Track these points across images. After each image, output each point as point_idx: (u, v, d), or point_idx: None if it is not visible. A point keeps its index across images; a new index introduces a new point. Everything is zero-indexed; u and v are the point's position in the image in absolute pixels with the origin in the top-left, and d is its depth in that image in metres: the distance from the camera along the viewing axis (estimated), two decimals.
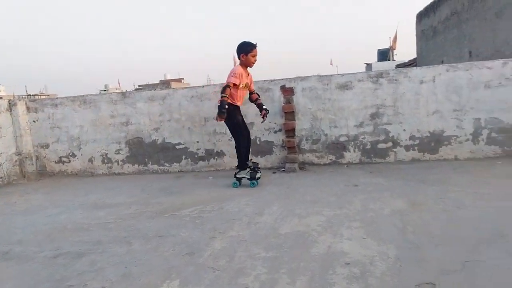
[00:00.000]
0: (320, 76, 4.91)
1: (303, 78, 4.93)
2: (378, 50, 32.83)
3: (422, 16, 12.84)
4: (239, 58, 4.09)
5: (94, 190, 4.68)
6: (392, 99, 4.70)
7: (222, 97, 3.88)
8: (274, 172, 4.77)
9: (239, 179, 4.17)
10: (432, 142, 4.68)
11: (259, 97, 4.39)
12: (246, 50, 4.03)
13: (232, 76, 3.95)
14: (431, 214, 2.88)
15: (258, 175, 4.13)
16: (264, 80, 4.99)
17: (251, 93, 4.33)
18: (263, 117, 4.27)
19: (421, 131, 4.70)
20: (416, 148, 4.73)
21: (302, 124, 4.90)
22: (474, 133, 4.58)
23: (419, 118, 4.67)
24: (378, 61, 30.24)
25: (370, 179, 4.08)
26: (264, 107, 4.28)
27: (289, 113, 4.81)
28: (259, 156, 5.07)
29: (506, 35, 7.04)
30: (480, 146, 4.58)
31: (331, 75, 4.92)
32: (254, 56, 4.05)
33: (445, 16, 10.39)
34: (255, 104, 4.36)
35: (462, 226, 2.59)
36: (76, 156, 5.67)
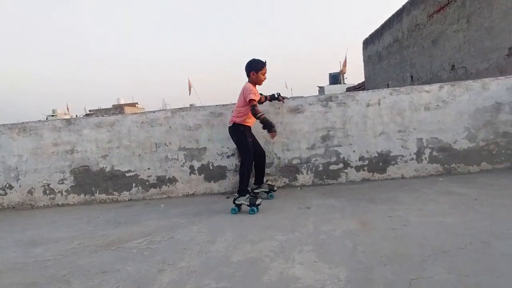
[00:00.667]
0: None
1: None
2: (330, 73, 34.26)
3: (368, 42, 13.62)
4: (248, 75, 4.01)
5: (32, 224, 4.33)
6: (342, 121, 4.85)
7: (259, 117, 3.76)
8: (227, 197, 4.70)
9: (239, 205, 3.95)
10: (380, 162, 4.86)
11: (266, 96, 4.52)
12: (256, 68, 3.96)
13: (251, 93, 3.81)
14: (380, 233, 2.94)
15: (258, 202, 3.89)
16: (216, 105, 4.98)
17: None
18: (283, 99, 4.52)
19: (369, 152, 4.87)
20: (366, 168, 4.88)
21: None
22: (418, 152, 4.82)
23: (367, 139, 4.85)
24: (330, 84, 31.50)
25: (322, 200, 4.13)
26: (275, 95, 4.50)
27: None
28: (212, 182, 5.00)
29: (441, 61, 7.61)
30: (424, 165, 4.82)
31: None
32: (264, 74, 4.00)
33: (388, 43, 11.09)
34: (268, 101, 4.55)
35: (408, 244, 2.66)
36: (13, 187, 5.26)
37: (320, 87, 30.83)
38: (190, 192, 5.06)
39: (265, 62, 4.00)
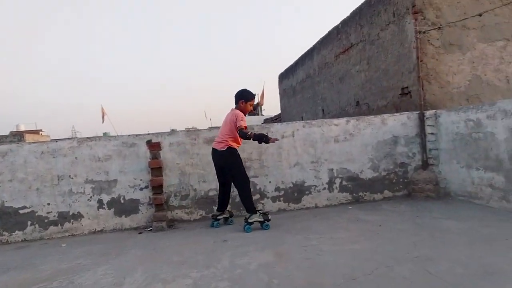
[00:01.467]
0: (188, 131, 4.91)
1: (170, 133, 4.84)
2: None
3: (283, 77, 14.38)
4: (237, 103, 4.22)
5: None
6: (258, 152, 4.93)
7: (249, 136, 3.94)
8: (140, 233, 4.40)
9: (251, 223, 4.06)
10: (295, 192, 5.00)
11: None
12: (246, 98, 4.23)
13: (242, 120, 4.00)
14: (295, 263, 2.97)
15: (270, 217, 4.16)
16: (129, 135, 4.72)
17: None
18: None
19: (285, 182, 4.99)
20: (281, 198, 4.98)
21: (170, 180, 4.72)
22: (329, 182, 5.08)
23: (282, 170, 4.98)
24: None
25: (239, 233, 4.07)
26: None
27: (156, 169, 4.60)
28: (123, 216, 4.64)
29: (348, 97, 8.31)
30: (335, 194, 5.09)
31: (199, 130, 4.97)
32: (252, 105, 4.26)
33: (301, 78, 11.83)
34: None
35: (322, 273, 2.71)
36: None
37: None
38: (98, 229, 4.63)
39: (255, 94, 4.34)
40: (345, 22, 8.14)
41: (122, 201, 4.65)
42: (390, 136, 5.21)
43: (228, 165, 4.17)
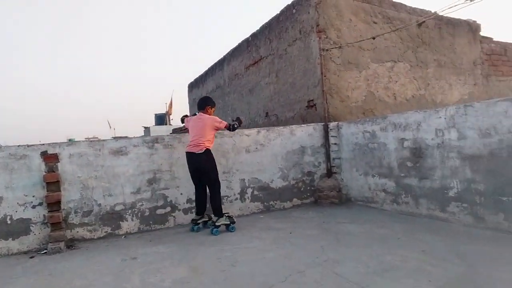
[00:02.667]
0: (91, 141, 4.51)
1: (70, 143, 4.39)
2: (156, 114, 34.05)
3: (193, 86, 14.24)
4: (203, 108, 4.54)
5: None
6: (169, 163, 4.75)
7: (236, 127, 4.55)
8: (32, 257, 3.86)
9: (218, 226, 4.24)
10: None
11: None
12: (212, 104, 4.66)
13: (221, 121, 4.45)
14: (210, 277, 2.90)
15: (235, 220, 4.43)
16: (19, 146, 4.15)
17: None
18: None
19: None
20: (193, 210, 4.85)
21: (69, 195, 4.26)
22: (241, 192, 5.12)
23: None
24: (155, 125, 31.20)
25: (150, 248, 3.85)
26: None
27: (52, 183, 4.11)
28: (10, 239, 4.01)
29: (257, 108, 8.56)
30: (247, 204, 5.15)
31: (104, 140, 4.60)
32: (214, 111, 4.66)
33: (212, 88, 11.84)
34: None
35: (237, 284, 2.70)
36: None
37: (145, 127, 30.19)
38: None
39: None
40: (255, 35, 8.40)
41: (9, 222, 4.03)
42: (298, 146, 5.49)
43: (207, 167, 4.33)
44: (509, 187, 3.43)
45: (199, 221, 4.49)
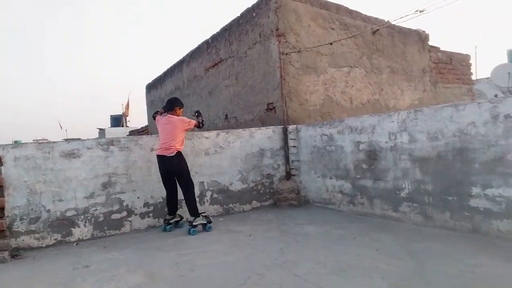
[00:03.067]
0: (40, 143, 4.26)
1: (16, 145, 4.11)
2: (111, 115, 32.87)
3: (151, 87, 13.88)
4: (172, 109, 4.60)
5: None
6: (125, 166, 4.59)
7: (202, 121, 4.68)
8: None
9: (195, 226, 4.30)
10: (166, 207, 4.80)
11: None
12: (181, 105, 4.71)
13: (190, 121, 4.48)
14: (168, 283, 2.83)
15: (211, 219, 4.48)
16: None
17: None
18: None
19: (154, 197, 4.76)
20: (151, 214, 4.73)
21: (15, 201, 3.98)
22: (200, 195, 5.05)
23: (152, 184, 4.74)
24: (111, 126, 30.12)
25: (104, 255, 3.69)
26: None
27: None
28: None
29: (217, 110, 8.51)
30: (206, 207, 5.08)
31: (54, 142, 4.35)
32: (182, 111, 4.71)
33: (170, 90, 11.61)
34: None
35: None
36: None
37: (100, 129, 29.04)
38: None
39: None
40: (215, 37, 8.35)
41: None
42: (257, 148, 5.51)
43: (179, 169, 4.37)
44: (454, 187, 3.65)
45: (171, 221, 4.56)
